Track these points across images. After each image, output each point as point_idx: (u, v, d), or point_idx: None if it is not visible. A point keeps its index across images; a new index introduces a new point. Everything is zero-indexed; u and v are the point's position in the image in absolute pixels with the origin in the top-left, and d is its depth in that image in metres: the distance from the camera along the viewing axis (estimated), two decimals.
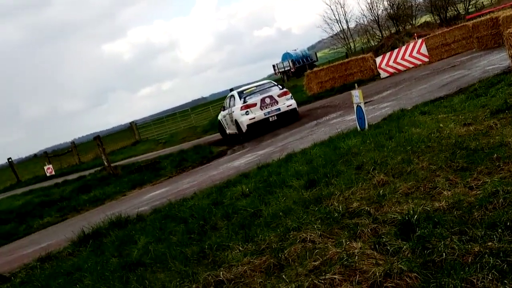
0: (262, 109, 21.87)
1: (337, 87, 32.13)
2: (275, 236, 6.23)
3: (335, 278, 4.78)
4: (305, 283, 4.80)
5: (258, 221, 7.11)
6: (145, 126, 50.03)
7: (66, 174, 32.64)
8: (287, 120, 22.23)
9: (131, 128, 47.64)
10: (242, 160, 16.60)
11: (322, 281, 4.77)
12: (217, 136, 28.83)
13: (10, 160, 40.92)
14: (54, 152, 49.93)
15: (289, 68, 72.98)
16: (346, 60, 35.74)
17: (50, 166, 37.82)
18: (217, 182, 12.04)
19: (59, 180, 28.43)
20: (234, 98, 22.98)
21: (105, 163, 23.08)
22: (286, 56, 74.35)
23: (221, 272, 5.59)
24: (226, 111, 23.88)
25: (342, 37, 70.68)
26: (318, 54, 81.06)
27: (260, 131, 21.91)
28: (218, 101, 58.66)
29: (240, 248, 6.23)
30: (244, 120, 21.82)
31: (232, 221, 7.58)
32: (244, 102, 22.09)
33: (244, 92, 22.98)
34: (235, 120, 22.49)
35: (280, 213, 7.04)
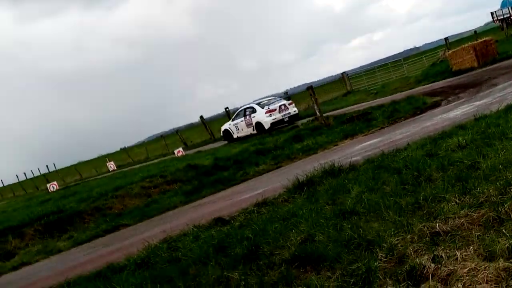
0: (280, 112, 30.26)
1: None
2: (494, 189, 6.01)
3: None
4: None
5: (476, 173, 6.89)
6: (356, 77, 49.87)
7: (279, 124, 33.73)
8: (293, 120, 30.30)
9: (343, 79, 47.83)
10: (458, 111, 16.07)
11: None
12: (430, 86, 28.11)
13: (227, 109, 43.01)
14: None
15: (508, 15, 68.76)
16: None
17: None
18: (431, 134, 11.77)
19: (273, 128, 29.57)
20: (254, 108, 31.12)
21: (317, 114, 23.51)
22: (505, 3, 69.98)
23: (437, 224, 5.53)
24: (239, 120, 31.87)
25: None
26: None
27: (275, 127, 29.72)
28: (432, 50, 56.83)
29: (457, 201, 6.10)
30: (268, 120, 29.97)
31: (448, 173, 7.40)
32: (268, 108, 30.33)
33: (261, 103, 31.41)
34: (257, 122, 30.38)
35: (500, 166, 6.76)
